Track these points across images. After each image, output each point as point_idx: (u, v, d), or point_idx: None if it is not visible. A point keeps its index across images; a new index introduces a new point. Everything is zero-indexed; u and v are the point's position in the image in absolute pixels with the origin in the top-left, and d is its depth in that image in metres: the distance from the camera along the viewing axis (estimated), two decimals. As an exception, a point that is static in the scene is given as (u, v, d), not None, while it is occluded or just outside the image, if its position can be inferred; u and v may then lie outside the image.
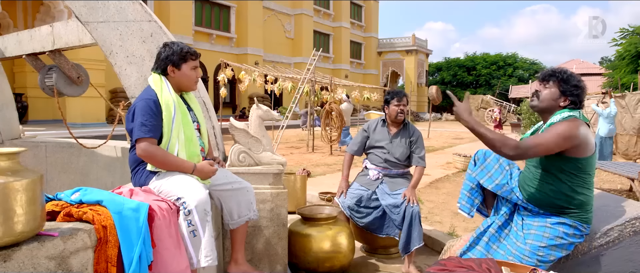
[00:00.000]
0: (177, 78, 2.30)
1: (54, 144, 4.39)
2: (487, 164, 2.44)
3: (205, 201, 2.07)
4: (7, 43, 4.15)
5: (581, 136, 2.06)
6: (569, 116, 2.16)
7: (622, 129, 10.22)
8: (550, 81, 2.23)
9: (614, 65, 23.04)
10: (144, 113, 2.14)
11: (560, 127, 2.07)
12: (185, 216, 2.03)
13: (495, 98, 32.18)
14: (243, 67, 14.99)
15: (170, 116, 2.18)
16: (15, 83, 15.26)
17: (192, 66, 2.32)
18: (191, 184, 2.12)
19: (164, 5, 19.82)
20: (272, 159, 2.88)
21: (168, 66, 2.27)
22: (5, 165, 1.43)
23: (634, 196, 5.87)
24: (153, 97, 2.19)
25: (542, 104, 2.25)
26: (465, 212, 2.58)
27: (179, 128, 2.20)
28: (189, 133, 2.25)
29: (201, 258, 2.04)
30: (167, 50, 2.28)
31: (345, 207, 3.35)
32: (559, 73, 2.23)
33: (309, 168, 7.48)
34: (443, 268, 1.84)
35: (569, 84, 2.20)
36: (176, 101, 2.23)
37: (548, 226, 2.16)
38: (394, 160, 3.38)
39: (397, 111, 3.41)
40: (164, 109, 2.18)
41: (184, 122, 2.25)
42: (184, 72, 2.30)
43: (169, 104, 2.19)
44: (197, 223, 2.02)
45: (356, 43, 36.12)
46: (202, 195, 2.07)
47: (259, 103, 3.02)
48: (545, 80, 2.25)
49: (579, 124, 2.09)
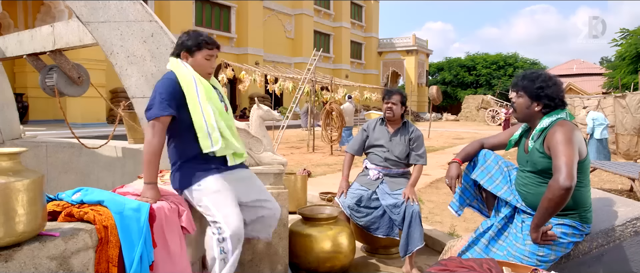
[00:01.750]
0: (190, 65, 2.25)
1: (55, 144, 4.40)
2: (487, 166, 2.44)
3: (240, 230, 2.12)
4: (7, 43, 4.15)
5: (577, 139, 2.06)
6: (558, 119, 2.16)
7: (624, 129, 10.23)
8: (518, 90, 2.24)
9: (614, 65, 23.04)
10: (162, 91, 2.11)
11: (561, 135, 2.05)
12: (219, 243, 2.09)
13: (496, 98, 32.16)
14: (243, 67, 15.01)
15: (194, 92, 2.13)
16: (15, 83, 15.26)
17: (207, 55, 2.26)
18: (230, 209, 2.13)
19: (164, 5, 19.83)
20: (273, 159, 2.88)
21: (182, 52, 2.25)
22: (6, 165, 1.43)
23: (634, 196, 5.86)
24: (170, 76, 2.18)
25: (519, 115, 2.27)
26: (453, 210, 2.59)
27: (205, 101, 2.14)
28: (219, 106, 2.22)
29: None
30: (185, 36, 2.27)
31: (346, 207, 3.36)
32: (522, 80, 2.23)
33: (310, 168, 7.48)
34: (444, 268, 1.83)
35: (533, 88, 2.18)
36: (197, 78, 2.17)
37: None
38: (393, 159, 3.38)
39: (385, 109, 3.42)
40: (184, 85, 2.14)
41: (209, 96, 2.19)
42: (197, 59, 2.24)
43: (189, 82, 2.14)
44: (229, 251, 2.10)
45: (356, 43, 36.12)
46: (239, 222, 2.11)
47: (260, 103, 3.02)
48: (515, 90, 2.26)
49: (572, 127, 2.09)
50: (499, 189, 2.36)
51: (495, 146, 2.55)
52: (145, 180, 2.08)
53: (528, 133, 2.35)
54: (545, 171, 2.15)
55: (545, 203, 2.02)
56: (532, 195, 2.22)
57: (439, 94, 19.35)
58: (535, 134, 2.21)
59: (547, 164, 2.13)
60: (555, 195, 1.97)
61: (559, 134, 2.06)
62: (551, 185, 1.99)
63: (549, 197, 1.99)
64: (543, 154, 2.14)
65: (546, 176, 2.16)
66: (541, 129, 2.18)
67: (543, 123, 2.17)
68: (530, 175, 2.24)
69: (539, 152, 2.16)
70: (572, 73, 35.82)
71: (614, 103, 10.81)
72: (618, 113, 10.44)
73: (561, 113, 2.19)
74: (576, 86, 30.48)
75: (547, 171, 2.14)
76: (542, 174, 2.18)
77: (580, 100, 12.88)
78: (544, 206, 2.03)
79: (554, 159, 2.03)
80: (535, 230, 2.09)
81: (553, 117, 2.17)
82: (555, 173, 2.00)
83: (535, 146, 2.19)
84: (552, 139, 2.08)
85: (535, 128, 2.22)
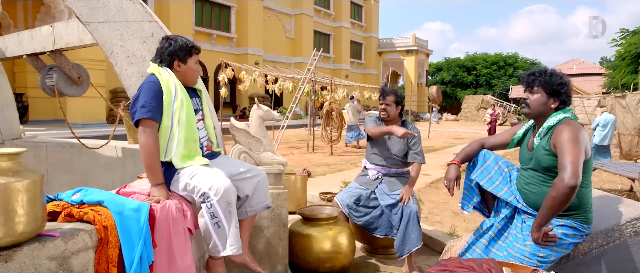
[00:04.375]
0: (183, 72, 2.31)
1: (55, 145, 4.39)
2: (487, 166, 2.43)
3: (227, 192, 2.09)
4: (7, 43, 4.15)
5: (583, 139, 2.06)
6: (565, 118, 2.16)
7: (624, 129, 10.23)
8: (534, 86, 2.22)
9: (614, 65, 23.02)
10: (146, 96, 2.14)
11: (568, 134, 2.05)
12: (208, 209, 2.07)
13: (496, 98, 32.18)
14: (243, 67, 15.00)
15: (171, 97, 2.18)
16: (15, 83, 15.25)
17: (196, 60, 2.36)
18: (213, 176, 2.12)
19: (164, 6, 19.82)
20: (273, 159, 2.88)
21: (175, 61, 2.28)
22: (6, 166, 1.43)
23: (634, 197, 5.87)
24: (154, 79, 2.20)
25: (533, 112, 2.24)
26: (464, 209, 2.59)
27: (180, 110, 2.19)
28: (190, 117, 2.25)
29: (227, 247, 2.13)
30: (172, 45, 2.28)
31: (344, 206, 3.35)
32: (540, 76, 2.21)
33: (310, 168, 7.48)
34: (444, 268, 1.83)
35: (554, 84, 2.18)
36: (178, 85, 2.23)
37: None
38: (392, 157, 3.38)
39: (379, 109, 3.41)
40: (165, 91, 2.18)
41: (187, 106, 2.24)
42: (190, 66, 2.32)
43: (169, 86, 2.19)
44: (220, 215, 2.08)
45: (356, 43, 36.11)
46: (225, 184, 2.09)
47: (260, 103, 3.02)
48: (530, 86, 2.23)
49: (579, 126, 2.10)
50: (499, 190, 2.36)
51: (495, 146, 2.55)
52: (152, 183, 2.10)
53: (532, 131, 2.34)
54: (550, 169, 2.15)
55: (549, 201, 2.01)
56: (535, 194, 2.21)
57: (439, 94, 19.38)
58: (542, 132, 2.20)
59: (552, 162, 2.13)
60: (560, 193, 1.97)
61: (566, 132, 2.06)
62: (556, 183, 1.99)
63: (554, 195, 1.99)
64: (549, 152, 2.14)
65: (550, 174, 2.16)
66: (549, 126, 2.17)
67: (551, 121, 2.17)
68: (534, 173, 2.24)
69: (545, 149, 2.16)
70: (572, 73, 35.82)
71: (614, 102, 10.80)
72: (618, 113, 10.43)
73: (568, 111, 2.20)
74: (576, 86, 30.48)
75: (551, 169, 2.14)
76: (546, 172, 2.17)
77: (580, 100, 12.86)
78: (547, 204, 2.03)
79: (560, 157, 2.04)
80: (538, 229, 2.09)
81: (560, 115, 2.17)
82: (560, 171, 2.00)
83: (541, 144, 2.19)
84: (560, 138, 2.08)
85: (541, 125, 2.22)
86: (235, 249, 2.15)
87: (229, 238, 2.14)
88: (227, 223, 2.12)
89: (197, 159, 2.24)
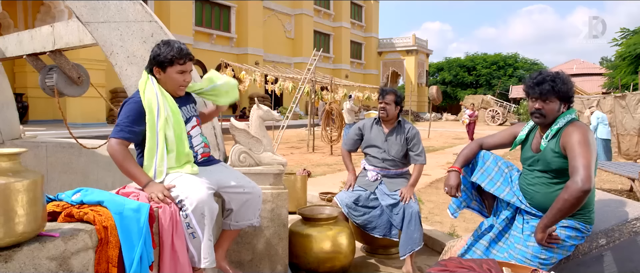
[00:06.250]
0: (162, 80, 2.22)
1: (55, 145, 4.39)
2: (486, 167, 2.42)
3: (203, 203, 2.04)
4: (7, 43, 4.15)
5: (592, 141, 2.06)
6: (572, 119, 2.16)
7: (624, 129, 10.23)
8: (548, 96, 2.16)
9: (614, 65, 23.02)
10: (123, 116, 2.15)
11: (578, 136, 2.05)
12: (184, 219, 2.03)
13: (496, 98, 32.17)
14: (243, 67, 15.01)
15: (154, 115, 2.12)
16: (15, 83, 15.26)
17: (179, 70, 2.20)
18: (192, 185, 2.10)
19: (164, 5, 19.82)
20: (273, 159, 2.88)
21: (154, 67, 2.22)
22: (6, 166, 1.43)
23: (634, 197, 5.86)
24: (136, 99, 2.17)
25: (548, 120, 2.20)
26: (450, 212, 2.59)
27: (164, 128, 2.14)
28: (178, 131, 2.20)
29: (201, 259, 2.07)
30: (157, 50, 2.22)
31: (343, 205, 3.35)
32: (555, 85, 2.16)
33: (310, 168, 7.48)
34: (444, 268, 1.84)
35: (569, 93, 2.18)
36: (161, 101, 2.16)
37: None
38: (390, 159, 3.37)
39: (379, 108, 3.42)
40: (147, 110, 2.13)
41: (174, 121, 2.18)
42: (169, 75, 2.20)
43: (151, 106, 2.13)
44: (195, 226, 2.04)
45: (356, 43, 36.12)
46: (200, 196, 2.05)
47: (260, 103, 3.02)
48: (544, 96, 2.16)
49: (587, 128, 2.10)
50: (501, 191, 2.35)
51: (495, 146, 2.53)
52: (141, 184, 2.09)
53: (535, 132, 2.33)
54: (559, 170, 2.14)
55: (561, 203, 2.00)
56: (541, 194, 2.20)
57: (439, 94, 19.37)
58: (550, 134, 2.18)
59: (561, 164, 2.12)
60: (573, 196, 1.95)
61: (576, 134, 2.06)
62: (569, 185, 1.97)
63: (566, 198, 1.97)
64: (558, 154, 2.13)
65: (559, 175, 2.15)
66: (557, 129, 2.17)
67: (559, 123, 2.17)
68: (540, 174, 2.23)
69: (554, 152, 2.14)
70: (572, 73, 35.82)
71: (614, 103, 10.80)
72: (618, 113, 10.44)
73: (573, 112, 2.19)
74: (576, 86, 30.43)
75: (560, 170, 2.14)
76: (555, 174, 2.17)
77: (580, 100, 12.87)
78: (558, 206, 2.01)
79: (572, 160, 2.02)
80: (543, 230, 2.08)
81: (567, 117, 2.17)
82: (573, 174, 1.98)
83: (550, 146, 2.17)
84: (570, 140, 2.07)
85: (549, 127, 2.20)
86: (208, 262, 2.07)
87: (202, 251, 2.07)
88: (201, 233, 2.05)
89: (186, 167, 2.21)
